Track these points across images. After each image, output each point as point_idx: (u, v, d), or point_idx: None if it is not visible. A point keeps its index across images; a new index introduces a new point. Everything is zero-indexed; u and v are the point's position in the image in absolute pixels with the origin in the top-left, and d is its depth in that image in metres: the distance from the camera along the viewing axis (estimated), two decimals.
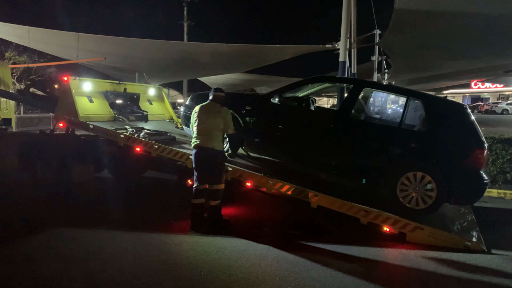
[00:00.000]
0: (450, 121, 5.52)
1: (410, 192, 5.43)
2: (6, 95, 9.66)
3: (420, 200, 5.40)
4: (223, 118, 5.56)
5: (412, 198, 5.43)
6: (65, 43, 16.21)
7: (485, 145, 5.40)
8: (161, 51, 16.98)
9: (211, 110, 5.61)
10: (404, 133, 5.74)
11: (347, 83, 6.53)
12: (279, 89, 6.28)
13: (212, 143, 5.50)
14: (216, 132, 5.54)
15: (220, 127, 5.56)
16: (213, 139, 5.51)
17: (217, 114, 5.56)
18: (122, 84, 8.54)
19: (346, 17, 11.65)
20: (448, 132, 5.46)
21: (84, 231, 5.48)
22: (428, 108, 5.65)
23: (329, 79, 6.88)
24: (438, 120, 5.55)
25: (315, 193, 5.58)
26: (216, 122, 5.53)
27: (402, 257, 4.86)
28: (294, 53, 17.34)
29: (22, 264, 4.36)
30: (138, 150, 6.79)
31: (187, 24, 30.67)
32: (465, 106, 5.79)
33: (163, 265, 4.38)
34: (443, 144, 5.44)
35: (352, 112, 5.99)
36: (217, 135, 5.54)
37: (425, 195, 5.38)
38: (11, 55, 24.70)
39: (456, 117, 5.57)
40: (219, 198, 5.65)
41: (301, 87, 6.80)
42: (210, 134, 5.51)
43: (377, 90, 6.98)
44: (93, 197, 7.40)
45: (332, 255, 4.88)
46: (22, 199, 7.18)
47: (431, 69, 20.33)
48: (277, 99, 6.14)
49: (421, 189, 5.38)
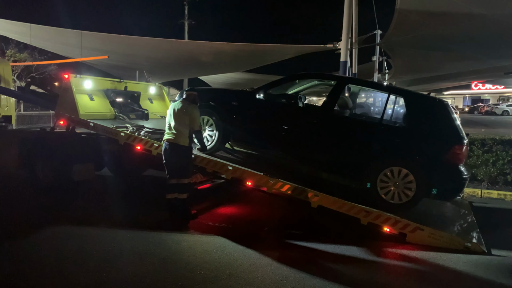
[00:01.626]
0: (430, 117, 5.60)
1: (390, 187, 5.50)
2: (6, 93, 9.66)
3: (400, 194, 5.46)
4: (189, 115, 5.86)
5: (392, 193, 5.49)
6: (67, 40, 16.21)
7: (465, 141, 5.49)
8: (162, 50, 16.98)
9: (180, 108, 5.92)
10: (384, 129, 5.82)
11: (330, 79, 6.62)
12: (265, 85, 6.42)
13: (179, 139, 5.84)
14: (183, 128, 5.85)
15: (186, 124, 5.85)
16: (180, 135, 5.85)
17: (183, 111, 5.87)
18: (123, 82, 8.52)
19: (348, 17, 11.65)
20: (428, 128, 5.54)
21: (84, 229, 5.47)
22: (409, 104, 5.76)
23: (312, 75, 6.98)
24: (418, 116, 5.64)
25: (315, 193, 5.57)
26: (183, 119, 5.84)
27: (402, 258, 4.85)
28: (296, 53, 17.35)
29: (21, 264, 4.36)
30: (138, 148, 6.77)
31: (188, 23, 30.68)
32: (446, 103, 5.87)
33: (163, 263, 4.38)
34: (422, 139, 5.52)
35: (334, 108, 6.08)
36: (183, 132, 5.86)
37: (404, 190, 5.44)
38: (12, 53, 24.68)
39: (436, 113, 5.65)
40: (186, 191, 5.94)
41: (287, 84, 6.95)
42: (178, 131, 5.84)
43: (358, 87, 7.10)
44: (92, 195, 7.39)
45: (333, 255, 4.87)
46: (21, 197, 7.17)
47: (432, 70, 20.35)
48: (262, 95, 6.27)
49: (400, 184, 5.44)
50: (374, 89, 7.21)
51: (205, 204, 6.80)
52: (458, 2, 10.12)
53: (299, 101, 6.49)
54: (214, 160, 6.26)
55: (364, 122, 6.43)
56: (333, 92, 6.12)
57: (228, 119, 6.40)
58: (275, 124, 6.30)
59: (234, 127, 6.44)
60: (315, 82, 7.21)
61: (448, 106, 5.71)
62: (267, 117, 6.36)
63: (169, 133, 5.90)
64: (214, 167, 6.26)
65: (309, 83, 7.21)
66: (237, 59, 18.23)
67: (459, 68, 19.67)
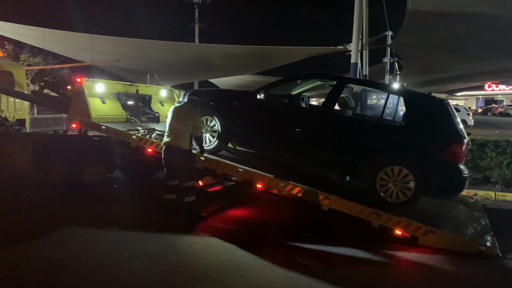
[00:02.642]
0: (429, 116, 5.60)
1: (389, 186, 5.48)
2: (20, 96, 9.82)
3: (399, 193, 5.45)
4: (192, 121, 5.95)
5: (391, 192, 5.48)
6: (79, 44, 16.44)
7: (465, 140, 5.47)
8: (172, 53, 17.11)
9: (183, 112, 6.00)
10: (384, 128, 5.85)
11: (330, 79, 6.67)
12: (266, 85, 6.47)
13: (179, 142, 5.89)
14: (185, 132, 5.93)
15: (189, 129, 5.94)
16: (181, 138, 5.90)
17: (187, 116, 5.95)
18: (134, 85, 8.60)
19: (358, 19, 11.60)
20: (427, 127, 5.54)
21: (96, 231, 5.53)
22: (408, 103, 5.78)
23: (312, 75, 7.01)
24: (418, 115, 5.66)
25: (326, 195, 5.55)
26: (185, 124, 5.92)
27: (414, 261, 4.80)
28: (306, 55, 17.31)
29: (36, 265, 4.41)
30: (149, 151, 6.83)
31: (198, 26, 30.84)
32: (446, 102, 5.87)
33: (174, 266, 4.39)
34: (421, 138, 5.52)
35: (334, 107, 6.11)
36: (185, 136, 5.94)
37: (403, 189, 5.42)
38: (26, 57, 25.09)
39: (435, 112, 5.65)
40: (192, 194, 5.97)
41: (290, 84, 7.05)
42: (179, 134, 5.90)
43: (358, 86, 7.10)
44: (104, 197, 7.46)
45: (344, 258, 4.85)
46: (34, 199, 7.27)
47: (444, 71, 20.11)
48: (263, 95, 6.31)
49: (399, 183, 5.43)
50: (373, 89, 7.23)
51: (215, 206, 6.81)
52: (470, 2, 10.00)
53: (301, 101, 6.55)
54: (224, 162, 6.28)
55: (363, 121, 6.44)
56: (332, 92, 6.14)
57: (229, 120, 6.47)
58: (275, 124, 6.37)
59: (236, 127, 6.50)
60: (318, 82, 7.23)
61: (448, 106, 5.72)
62: (267, 117, 6.42)
63: (170, 136, 5.95)
64: (224, 169, 6.28)
65: (312, 83, 7.25)
66: (247, 61, 18.27)
67: (472, 69, 19.41)
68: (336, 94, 6.11)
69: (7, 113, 10.04)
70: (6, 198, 7.20)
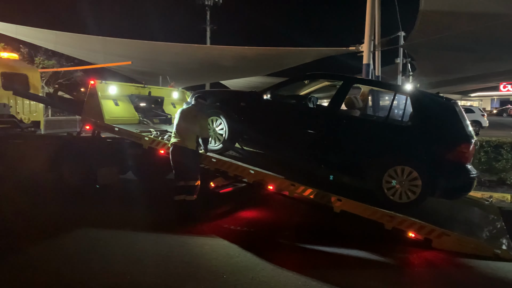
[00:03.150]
0: (436, 116, 5.57)
1: (396, 186, 5.45)
2: (35, 99, 9.98)
3: (405, 193, 5.41)
4: (199, 123, 6.08)
5: (397, 192, 5.45)
6: (91, 47, 16.64)
7: (472, 140, 5.41)
8: (184, 55, 17.21)
9: (190, 114, 6.12)
10: (390, 128, 5.82)
11: (336, 79, 6.68)
12: (272, 86, 6.50)
13: (186, 143, 6.02)
14: (191, 134, 6.06)
15: (196, 130, 6.07)
16: (187, 139, 6.03)
17: (194, 118, 6.08)
18: (147, 87, 8.66)
19: (370, 19, 11.53)
20: (434, 127, 5.50)
21: (109, 231, 5.58)
22: (415, 103, 5.73)
23: (318, 76, 7.04)
24: (424, 115, 5.62)
25: (338, 197, 5.52)
26: (192, 125, 6.05)
27: (428, 264, 4.75)
28: (317, 56, 17.26)
29: (51, 264, 4.47)
30: (162, 152, 6.87)
31: (210, 28, 30.97)
32: (453, 101, 5.84)
33: (186, 266, 4.41)
34: (428, 138, 5.48)
35: (340, 107, 6.09)
36: (191, 137, 6.06)
37: (410, 189, 5.39)
38: (41, 60, 25.49)
39: (442, 112, 5.63)
40: (194, 194, 6.07)
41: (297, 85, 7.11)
42: (186, 135, 6.03)
43: (365, 86, 7.07)
44: (117, 198, 7.53)
45: (356, 260, 4.81)
46: (49, 199, 7.37)
47: (457, 71, 19.90)
48: (269, 96, 6.31)
49: (406, 183, 5.39)
50: (379, 89, 7.19)
51: (227, 207, 6.83)
52: (484, 2, 9.88)
53: (309, 101, 6.57)
54: (235, 164, 6.28)
55: (369, 121, 6.41)
56: (338, 92, 6.14)
57: (236, 120, 6.51)
58: (280, 125, 6.40)
59: (242, 127, 6.54)
60: (325, 83, 7.22)
61: (455, 105, 5.68)
62: (273, 117, 6.45)
63: (177, 137, 6.07)
64: (236, 170, 6.29)
65: (320, 84, 7.24)
66: (258, 63, 18.28)
67: (487, 69, 19.16)
68: (342, 94, 6.10)
69: (23, 115, 10.20)
70: (22, 198, 7.32)
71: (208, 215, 6.30)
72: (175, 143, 6.07)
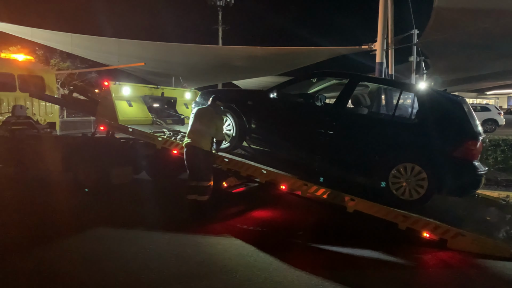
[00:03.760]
0: (442, 113, 5.53)
1: (402, 183, 5.43)
2: (51, 100, 10.16)
3: (412, 191, 5.39)
4: (215, 125, 6.09)
5: (404, 189, 5.43)
6: (105, 48, 16.83)
7: (480, 137, 5.38)
8: (196, 55, 17.28)
9: (207, 115, 6.14)
10: (396, 126, 5.81)
11: (342, 77, 6.70)
12: (278, 85, 6.57)
13: (201, 143, 6.02)
14: (206, 134, 6.08)
15: (211, 131, 6.07)
16: (202, 140, 6.04)
17: (211, 120, 6.08)
18: (160, 88, 8.73)
19: (383, 18, 11.42)
20: (440, 124, 5.46)
21: (122, 231, 5.64)
22: (421, 100, 5.71)
23: (324, 73, 7.12)
24: (430, 112, 5.57)
25: (351, 197, 5.49)
26: (208, 127, 6.06)
27: (444, 265, 4.69)
28: (330, 55, 17.16)
29: (66, 264, 4.55)
30: (175, 152, 6.92)
31: (222, 28, 31.07)
32: (460, 98, 5.82)
33: (199, 266, 4.44)
34: (434, 135, 5.44)
35: (345, 105, 6.10)
36: (206, 138, 6.08)
37: (416, 186, 5.36)
38: (56, 62, 25.90)
39: (448, 109, 5.60)
40: (207, 194, 6.06)
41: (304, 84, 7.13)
42: (201, 136, 6.05)
43: (371, 84, 7.03)
44: (130, 198, 7.60)
45: (370, 260, 4.78)
46: (64, 199, 7.48)
47: (473, 69, 19.59)
48: (276, 94, 6.37)
49: (412, 180, 5.36)
50: (385, 86, 7.16)
51: (239, 207, 6.84)
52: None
53: (316, 100, 6.58)
54: (248, 164, 6.30)
55: (375, 119, 6.37)
56: (344, 90, 6.15)
57: (244, 119, 6.55)
58: (286, 123, 6.43)
59: (250, 126, 6.57)
60: (334, 81, 7.21)
61: (462, 102, 5.66)
62: (279, 115, 6.48)
63: (192, 137, 6.09)
64: (248, 170, 6.30)
65: (328, 82, 7.24)
66: (271, 63, 18.25)
67: (503, 67, 18.79)
68: (348, 92, 6.11)
69: (39, 116, 10.40)
70: (39, 198, 7.45)
71: (221, 214, 6.32)
72: (189, 143, 6.09)
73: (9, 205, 7.03)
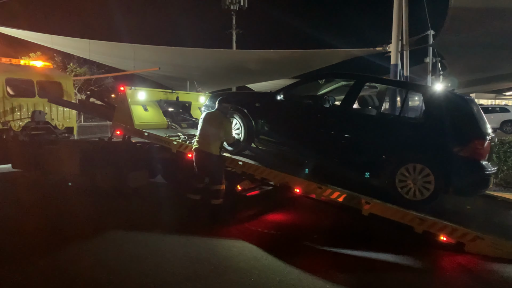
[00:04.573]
0: (448, 113, 5.48)
1: (409, 183, 5.40)
2: (69, 105, 10.35)
3: (418, 191, 5.36)
4: (224, 129, 6.17)
5: (411, 189, 5.40)
6: (122, 54, 17.11)
7: (488, 136, 5.33)
8: (211, 60, 17.41)
9: (215, 119, 6.24)
10: (403, 126, 5.81)
11: (349, 78, 6.73)
12: (285, 87, 6.61)
13: (210, 148, 6.09)
14: (215, 138, 6.14)
15: (220, 135, 6.17)
16: (211, 144, 6.11)
17: (220, 124, 6.17)
18: (175, 93, 8.82)
19: (398, 19, 11.31)
20: (446, 124, 5.41)
21: (138, 234, 5.70)
22: (427, 100, 5.70)
23: (331, 75, 7.18)
24: (437, 111, 5.54)
25: (367, 200, 5.45)
26: (216, 130, 6.15)
27: (461, 269, 4.61)
28: (344, 57, 17.08)
29: (83, 266, 4.62)
30: (190, 156, 6.97)
31: (236, 32, 31.20)
32: (468, 98, 5.80)
33: (214, 268, 4.46)
34: (441, 135, 5.41)
35: (352, 106, 6.11)
36: (215, 141, 6.15)
37: (423, 186, 5.33)
38: (73, 67, 26.43)
39: (455, 108, 5.56)
40: (220, 198, 6.12)
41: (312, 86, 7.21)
42: (209, 140, 6.12)
43: (377, 84, 7.04)
44: (146, 201, 7.68)
45: (386, 264, 4.73)
46: (81, 202, 7.61)
47: (491, 69, 19.22)
48: (283, 96, 6.40)
49: (419, 180, 5.34)
50: (391, 86, 7.22)
51: (254, 210, 6.85)
52: None
53: (324, 101, 6.63)
54: (262, 167, 6.30)
55: (382, 119, 6.36)
56: (351, 91, 6.16)
57: (252, 120, 6.58)
58: (293, 124, 6.45)
59: (258, 127, 6.60)
60: (342, 82, 7.20)
61: (469, 101, 5.64)
62: (286, 117, 6.51)
63: (201, 141, 6.17)
64: (262, 173, 6.31)
65: (336, 84, 7.24)
66: (284, 66, 18.26)
67: None
68: (355, 92, 6.12)
69: (57, 121, 10.59)
70: (57, 201, 7.60)
71: (236, 217, 6.35)
72: (197, 148, 6.17)
73: (29, 209, 7.18)
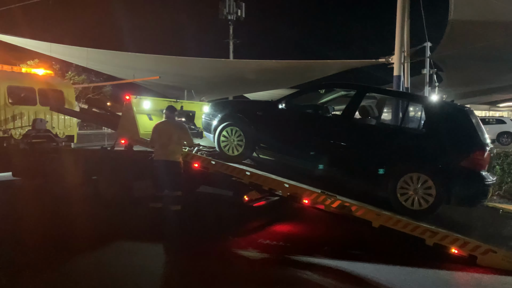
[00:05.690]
0: (449, 123, 5.58)
1: (410, 193, 5.46)
2: (71, 113, 10.28)
3: (420, 201, 5.42)
4: (177, 133, 6.60)
5: (412, 199, 5.46)
6: (120, 62, 17.06)
7: (487, 147, 5.42)
8: (209, 69, 17.42)
9: (165, 127, 6.69)
10: (403, 136, 5.89)
11: (349, 88, 6.83)
12: (287, 96, 6.74)
13: (168, 155, 6.51)
14: (171, 145, 6.55)
15: (175, 140, 6.56)
16: (169, 151, 6.53)
17: (172, 130, 6.61)
18: (179, 102, 8.80)
19: (400, 31, 11.41)
20: (447, 134, 5.50)
21: (145, 245, 5.65)
22: (428, 111, 5.80)
23: (331, 85, 7.42)
24: (437, 122, 5.65)
25: (377, 212, 5.43)
26: (171, 137, 6.55)
27: (475, 283, 4.60)
28: (342, 68, 17.19)
29: (85, 278, 4.53)
30: (196, 166, 6.93)
31: (233, 42, 31.31)
32: (468, 109, 5.90)
33: (222, 280, 4.42)
34: (441, 145, 5.48)
35: (353, 116, 6.20)
36: (176, 149, 6.62)
37: (424, 196, 5.40)
38: (71, 75, 26.33)
39: (455, 119, 5.68)
40: (179, 204, 6.58)
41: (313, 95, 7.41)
42: (166, 148, 6.54)
43: (378, 95, 7.13)
44: (150, 211, 7.59)
45: (397, 277, 4.69)
46: (85, 212, 7.49)
47: (486, 81, 19.47)
48: (284, 105, 6.49)
49: (420, 190, 5.40)
50: (392, 97, 7.28)
51: (262, 221, 6.80)
52: None
53: (323, 110, 6.71)
54: (271, 177, 6.27)
55: (383, 129, 6.43)
56: (352, 101, 6.24)
57: (253, 129, 6.61)
58: (294, 132, 6.52)
59: (259, 136, 6.63)
60: (342, 92, 7.28)
61: (469, 112, 5.74)
62: (287, 125, 6.57)
63: (159, 151, 6.56)
64: (271, 184, 6.28)
65: (336, 94, 7.33)
66: (282, 76, 18.34)
67: None
68: (355, 102, 6.19)
69: (58, 129, 10.51)
70: (59, 211, 7.47)
71: (244, 229, 6.30)
72: (156, 157, 6.57)
73: (30, 218, 7.06)
